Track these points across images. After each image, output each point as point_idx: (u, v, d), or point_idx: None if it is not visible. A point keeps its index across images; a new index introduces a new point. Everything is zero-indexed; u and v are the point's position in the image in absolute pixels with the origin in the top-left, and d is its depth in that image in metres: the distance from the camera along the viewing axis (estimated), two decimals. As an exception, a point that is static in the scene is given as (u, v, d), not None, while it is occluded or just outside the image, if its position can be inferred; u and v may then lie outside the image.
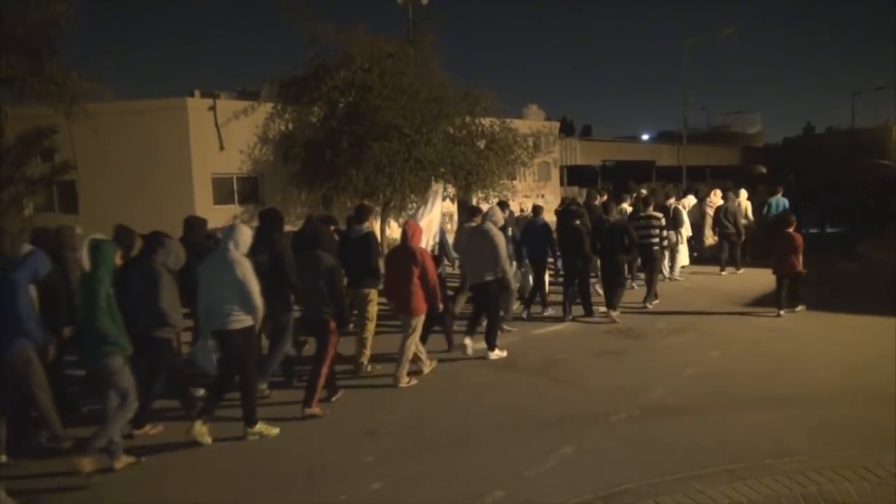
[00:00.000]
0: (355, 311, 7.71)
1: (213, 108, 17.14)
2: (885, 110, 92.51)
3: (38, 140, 13.06)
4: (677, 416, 6.01)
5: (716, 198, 14.62)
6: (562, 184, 28.80)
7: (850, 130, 46.57)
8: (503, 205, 10.38)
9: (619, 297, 10.17)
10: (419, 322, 7.29)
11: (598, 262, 10.49)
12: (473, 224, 8.94)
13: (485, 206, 10.35)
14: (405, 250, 7.26)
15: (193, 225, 7.83)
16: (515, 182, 18.95)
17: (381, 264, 7.89)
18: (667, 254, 12.71)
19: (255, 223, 7.08)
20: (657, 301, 10.96)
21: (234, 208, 17.03)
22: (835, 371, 7.23)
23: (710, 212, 14.45)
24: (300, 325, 7.04)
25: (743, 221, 13.96)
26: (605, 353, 8.25)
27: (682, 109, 68.82)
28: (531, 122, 23.43)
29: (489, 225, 8.27)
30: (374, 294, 7.71)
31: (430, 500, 4.65)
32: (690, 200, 15.06)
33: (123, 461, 5.17)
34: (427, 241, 8.45)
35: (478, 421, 6.04)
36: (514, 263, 9.79)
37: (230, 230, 5.78)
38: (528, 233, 10.39)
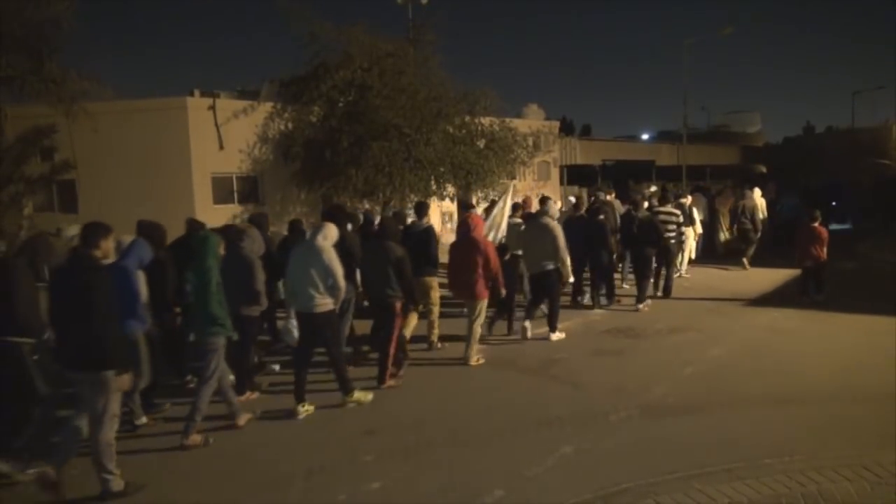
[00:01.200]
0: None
1: (212, 107, 17.05)
2: (885, 110, 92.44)
3: (37, 139, 13.04)
4: (677, 416, 6.01)
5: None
6: (561, 183, 28.66)
7: (850, 130, 46.52)
8: (546, 199, 10.50)
9: (646, 289, 10.82)
10: (482, 306, 7.89)
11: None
12: (517, 220, 9.57)
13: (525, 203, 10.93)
14: (469, 241, 7.81)
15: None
16: (515, 181, 18.92)
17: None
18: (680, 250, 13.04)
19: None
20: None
21: (234, 208, 16.94)
22: (835, 370, 7.24)
23: (724, 210, 14.74)
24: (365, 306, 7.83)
25: (760, 216, 14.36)
26: (605, 353, 8.26)
27: (682, 109, 68.89)
28: (531, 122, 23.32)
29: (547, 219, 8.76)
30: (434, 282, 8.38)
31: (430, 500, 4.65)
32: (699, 199, 15.17)
33: None
34: (496, 234, 9.20)
35: (478, 420, 6.05)
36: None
37: (321, 226, 6.57)
38: (570, 226, 10.55)
